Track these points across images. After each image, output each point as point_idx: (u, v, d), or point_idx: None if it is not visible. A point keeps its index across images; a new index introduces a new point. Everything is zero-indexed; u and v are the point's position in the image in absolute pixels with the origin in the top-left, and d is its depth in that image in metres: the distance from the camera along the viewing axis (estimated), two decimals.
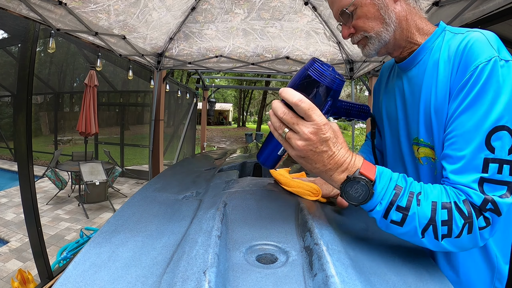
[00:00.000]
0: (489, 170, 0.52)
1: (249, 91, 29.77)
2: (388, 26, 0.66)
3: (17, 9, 1.49)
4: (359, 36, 0.70)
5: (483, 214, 0.51)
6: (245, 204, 0.71)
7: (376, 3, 0.65)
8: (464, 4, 1.43)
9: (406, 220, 0.52)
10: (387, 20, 0.66)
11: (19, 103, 2.13)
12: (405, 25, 0.68)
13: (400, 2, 0.66)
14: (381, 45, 0.69)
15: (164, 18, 2.37)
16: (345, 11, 0.67)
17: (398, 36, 0.68)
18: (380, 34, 0.67)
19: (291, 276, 0.46)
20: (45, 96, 9.50)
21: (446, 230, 0.51)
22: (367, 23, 0.67)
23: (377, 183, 0.52)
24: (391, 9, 0.66)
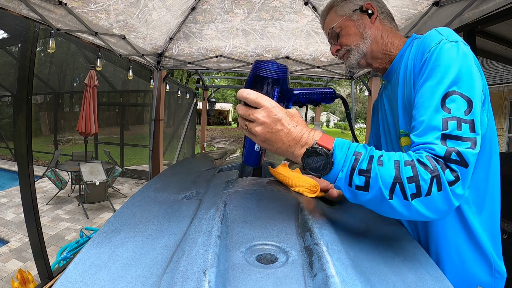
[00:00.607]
0: (449, 126, 0.55)
1: None
2: (365, 40, 0.82)
3: (17, 9, 1.49)
4: (343, 51, 0.86)
5: (449, 166, 0.52)
6: (245, 204, 0.71)
7: (356, 24, 0.83)
8: (464, 4, 1.43)
9: (370, 183, 0.52)
10: (364, 35, 0.82)
11: (19, 103, 2.13)
12: (379, 40, 0.83)
13: (376, 23, 0.83)
14: (360, 56, 0.84)
15: (164, 18, 2.37)
16: (333, 31, 0.86)
17: (374, 48, 0.83)
18: (358, 46, 0.83)
19: (291, 276, 0.46)
20: (45, 96, 9.50)
21: (414, 187, 0.50)
22: (349, 39, 0.84)
23: (336, 152, 0.55)
24: (368, 27, 0.82)
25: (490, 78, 6.24)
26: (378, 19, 0.83)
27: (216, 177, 1.00)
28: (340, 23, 0.84)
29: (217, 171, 1.10)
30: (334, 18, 0.86)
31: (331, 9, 0.88)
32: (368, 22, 0.83)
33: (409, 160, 0.53)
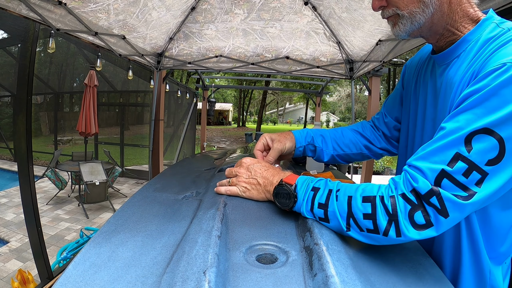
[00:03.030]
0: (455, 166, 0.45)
1: (249, 91, 29.77)
2: (426, 8, 0.57)
3: (17, 9, 1.48)
4: (390, 12, 0.63)
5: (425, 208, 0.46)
6: (245, 204, 0.71)
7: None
8: None
9: (328, 215, 0.55)
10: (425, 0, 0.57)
11: (19, 103, 2.13)
12: (446, 9, 0.58)
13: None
14: (414, 28, 0.61)
15: (163, 18, 2.37)
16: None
17: (436, 20, 0.59)
18: (414, 15, 0.59)
19: (291, 276, 0.46)
20: (45, 96, 9.50)
21: (371, 224, 0.50)
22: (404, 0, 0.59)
23: (298, 187, 0.60)
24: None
25: None
26: None
27: (216, 177, 1.00)
28: None
29: (217, 171, 1.10)
30: None
31: None
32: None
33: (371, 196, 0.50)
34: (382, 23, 2.06)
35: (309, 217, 0.59)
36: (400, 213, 0.47)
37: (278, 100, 40.05)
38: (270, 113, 45.50)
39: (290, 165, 1.52)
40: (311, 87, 19.45)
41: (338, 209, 0.54)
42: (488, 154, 0.44)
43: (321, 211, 0.56)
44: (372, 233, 0.50)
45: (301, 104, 38.34)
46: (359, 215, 0.51)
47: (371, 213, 0.49)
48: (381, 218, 0.49)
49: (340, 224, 0.54)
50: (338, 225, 0.54)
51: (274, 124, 41.28)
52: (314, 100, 5.00)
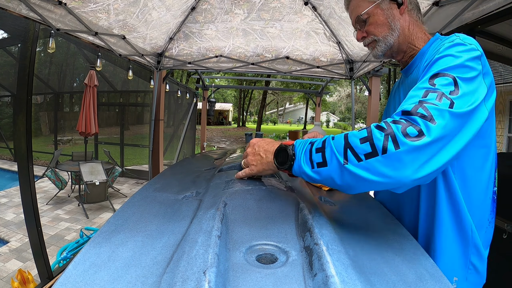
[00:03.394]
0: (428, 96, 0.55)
1: (249, 91, 29.78)
2: (393, 32, 0.80)
3: (17, 9, 1.49)
4: (369, 39, 0.85)
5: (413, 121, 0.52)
6: (245, 204, 0.71)
7: (385, 13, 0.80)
8: (464, 4, 1.43)
9: (326, 156, 0.57)
10: (393, 27, 0.80)
11: (19, 103, 2.13)
12: (407, 32, 0.81)
13: (404, 14, 0.81)
14: (387, 48, 0.83)
15: (163, 18, 2.37)
16: (360, 17, 0.83)
17: (401, 40, 0.81)
18: (386, 38, 0.81)
19: (291, 276, 0.46)
20: (45, 96, 9.50)
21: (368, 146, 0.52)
22: (377, 29, 0.82)
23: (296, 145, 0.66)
24: (397, 18, 0.80)
25: None
26: (406, 10, 0.81)
27: (216, 177, 1.00)
28: (369, 10, 0.81)
29: (217, 171, 1.10)
30: (362, 4, 0.82)
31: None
32: (397, 12, 0.80)
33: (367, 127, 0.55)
34: None
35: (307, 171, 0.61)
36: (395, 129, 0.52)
37: (278, 100, 40.06)
38: (270, 113, 45.50)
39: None
40: (311, 87, 19.46)
41: (334, 146, 0.56)
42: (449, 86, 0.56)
43: (319, 154, 0.58)
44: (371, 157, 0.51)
45: (301, 104, 38.35)
46: (355, 142, 0.53)
47: (367, 135, 0.53)
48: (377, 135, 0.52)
49: (338, 161, 0.55)
50: (336, 162, 0.55)
51: (274, 124, 41.29)
52: (314, 100, 5.01)
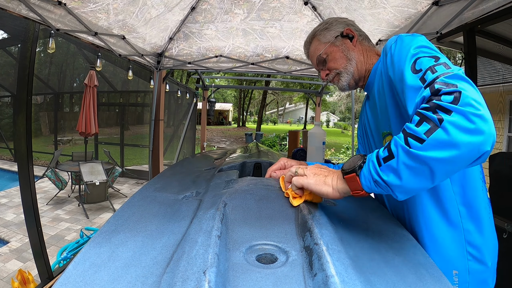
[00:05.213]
0: (426, 78, 0.59)
1: (249, 91, 29.77)
2: (351, 61, 0.91)
3: (17, 9, 1.49)
4: (333, 74, 0.94)
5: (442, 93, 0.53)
6: (245, 204, 0.71)
7: (340, 48, 0.92)
8: (464, 3, 1.43)
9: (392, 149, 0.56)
10: (349, 57, 0.91)
11: (19, 103, 2.13)
12: (362, 58, 0.92)
13: (357, 45, 0.93)
14: (349, 77, 0.92)
15: (163, 17, 2.37)
16: (320, 58, 0.94)
17: (359, 67, 0.91)
18: (346, 68, 0.91)
19: (291, 276, 0.46)
20: (45, 96, 9.50)
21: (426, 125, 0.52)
22: (337, 63, 0.92)
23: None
24: (351, 49, 0.91)
25: (490, 78, 6.24)
26: (358, 41, 0.93)
27: (216, 177, 1.00)
28: (326, 49, 0.93)
29: (217, 171, 1.10)
30: (319, 46, 0.95)
31: (313, 38, 0.97)
32: (350, 45, 0.92)
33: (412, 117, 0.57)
34: (382, 23, 2.07)
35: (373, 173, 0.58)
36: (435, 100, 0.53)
37: (278, 100, 40.05)
38: (270, 113, 45.49)
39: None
40: (311, 87, 19.46)
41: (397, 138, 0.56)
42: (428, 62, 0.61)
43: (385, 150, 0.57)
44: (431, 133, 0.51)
45: (301, 104, 38.34)
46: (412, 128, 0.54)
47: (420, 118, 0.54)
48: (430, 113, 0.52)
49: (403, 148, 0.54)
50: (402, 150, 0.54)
51: (274, 124, 41.29)
52: (314, 100, 5.00)
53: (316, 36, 0.96)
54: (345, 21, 0.96)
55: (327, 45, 0.93)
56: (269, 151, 1.96)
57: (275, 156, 1.69)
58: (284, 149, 12.40)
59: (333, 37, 0.93)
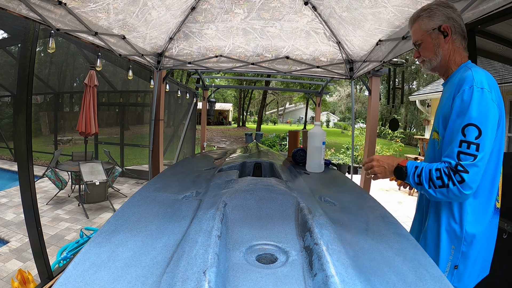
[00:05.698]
0: (462, 146, 0.90)
1: (249, 91, 29.76)
2: (437, 57, 1.08)
3: (17, 9, 1.48)
4: (421, 58, 1.12)
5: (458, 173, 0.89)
6: (245, 204, 0.71)
7: (433, 42, 1.06)
8: (464, 4, 1.43)
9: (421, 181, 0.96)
10: (437, 53, 1.07)
11: (19, 103, 2.12)
12: (447, 58, 1.07)
13: (448, 43, 1.05)
14: (432, 66, 1.11)
15: (163, 17, 2.37)
16: (416, 42, 1.12)
17: (442, 63, 1.08)
18: (431, 61, 1.09)
19: (291, 276, 0.46)
20: (45, 96, 9.49)
21: (440, 182, 0.92)
22: (426, 53, 1.10)
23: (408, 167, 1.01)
24: (441, 46, 1.06)
25: None
26: (450, 40, 1.05)
27: (216, 177, 1.00)
28: (422, 37, 1.09)
29: (217, 171, 1.10)
30: (418, 31, 1.10)
31: (417, 20, 1.10)
32: (442, 41, 1.05)
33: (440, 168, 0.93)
34: (382, 23, 2.06)
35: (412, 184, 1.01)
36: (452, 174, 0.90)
37: (278, 100, 40.03)
38: (270, 113, 45.47)
39: (291, 165, 1.52)
40: (311, 87, 19.45)
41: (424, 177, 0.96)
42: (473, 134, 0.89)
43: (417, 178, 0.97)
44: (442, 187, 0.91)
45: (301, 104, 38.32)
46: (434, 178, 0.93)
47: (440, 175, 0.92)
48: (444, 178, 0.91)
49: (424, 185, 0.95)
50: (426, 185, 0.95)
51: (274, 124, 41.27)
52: (314, 100, 5.00)
53: (419, 19, 1.09)
54: (448, 14, 1.04)
55: (424, 34, 1.07)
56: (269, 151, 1.96)
57: (275, 156, 1.69)
58: (284, 149, 12.40)
59: (431, 28, 1.05)
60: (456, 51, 1.06)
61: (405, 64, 12.83)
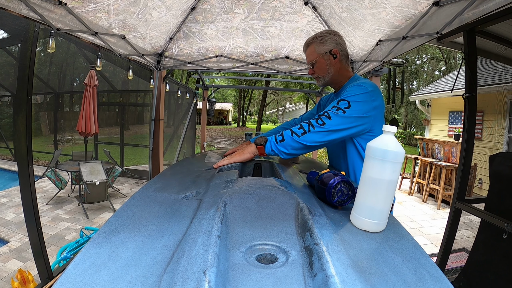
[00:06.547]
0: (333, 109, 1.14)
1: (249, 91, 29.76)
2: (329, 73, 1.34)
3: (17, 9, 1.48)
4: (316, 75, 1.37)
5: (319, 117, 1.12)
6: (245, 204, 0.71)
7: (325, 62, 1.32)
8: (464, 4, 1.43)
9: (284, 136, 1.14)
10: (329, 70, 1.34)
11: (19, 103, 2.12)
12: (337, 73, 1.34)
13: (337, 62, 1.32)
14: (325, 81, 1.37)
15: (163, 18, 2.37)
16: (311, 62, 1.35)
17: (333, 78, 1.36)
18: (324, 77, 1.35)
19: (291, 276, 0.46)
20: (45, 96, 9.49)
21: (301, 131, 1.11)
22: (320, 71, 1.35)
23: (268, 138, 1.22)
24: (332, 65, 1.33)
25: (490, 78, 6.23)
26: (339, 60, 1.32)
27: (216, 177, 1.00)
28: (316, 58, 1.33)
29: (217, 171, 1.10)
30: (313, 53, 1.33)
31: (312, 44, 1.33)
32: (333, 61, 1.31)
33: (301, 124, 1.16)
34: (382, 23, 2.06)
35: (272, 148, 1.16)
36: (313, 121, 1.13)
37: (278, 100, 40.03)
38: (270, 113, 45.47)
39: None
40: (311, 87, 19.46)
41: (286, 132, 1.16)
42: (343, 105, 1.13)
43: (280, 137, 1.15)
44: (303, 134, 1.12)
45: (301, 104, 38.31)
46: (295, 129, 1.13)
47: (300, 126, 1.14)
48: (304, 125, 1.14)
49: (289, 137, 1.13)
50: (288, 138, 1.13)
51: (274, 124, 41.26)
52: (314, 100, 5.00)
53: (314, 43, 1.32)
54: (336, 40, 1.31)
55: (318, 56, 1.32)
56: None
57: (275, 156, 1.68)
58: None
59: (324, 52, 1.31)
60: (343, 68, 1.34)
61: (405, 64, 12.81)
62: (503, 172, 1.94)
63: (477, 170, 5.83)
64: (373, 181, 0.66)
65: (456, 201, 2.14)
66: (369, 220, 0.65)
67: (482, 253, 2.02)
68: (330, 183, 0.76)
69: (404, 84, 7.94)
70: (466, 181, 2.13)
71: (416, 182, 6.27)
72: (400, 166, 0.67)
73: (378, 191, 0.66)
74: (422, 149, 6.72)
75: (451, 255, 2.34)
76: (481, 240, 2.10)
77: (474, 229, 4.16)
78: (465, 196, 2.14)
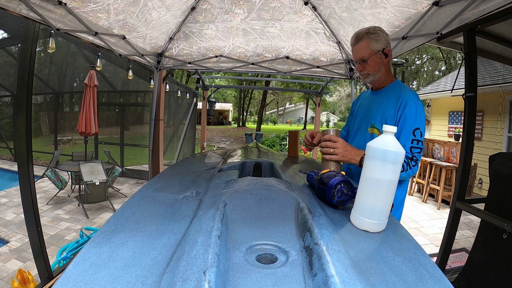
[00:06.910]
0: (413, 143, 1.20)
1: (249, 91, 29.77)
2: (379, 72, 1.32)
3: (17, 9, 1.48)
4: (365, 71, 1.32)
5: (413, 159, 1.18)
6: (245, 204, 0.71)
7: (378, 60, 1.29)
8: (464, 4, 1.43)
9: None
10: (380, 69, 1.31)
11: (19, 103, 2.12)
12: (385, 72, 1.33)
13: (387, 62, 1.31)
14: (374, 79, 1.34)
15: (163, 18, 2.37)
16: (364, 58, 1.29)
17: (381, 78, 1.34)
18: (374, 75, 1.32)
19: (291, 276, 0.46)
20: (45, 96, 9.49)
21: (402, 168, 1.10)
22: (371, 68, 1.30)
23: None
24: (383, 64, 1.31)
25: (490, 78, 6.23)
26: (388, 60, 1.31)
27: (216, 177, 1.00)
28: (370, 55, 1.28)
29: (217, 171, 1.10)
30: (366, 49, 1.27)
31: (364, 38, 1.27)
32: (384, 60, 1.30)
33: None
34: (382, 23, 2.06)
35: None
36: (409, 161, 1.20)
37: (278, 100, 40.04)
38: (270, 113, 45.47)
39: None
40: (311, 87, 19.46)
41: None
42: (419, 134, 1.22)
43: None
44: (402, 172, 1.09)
45: (301, 104, 38.33)
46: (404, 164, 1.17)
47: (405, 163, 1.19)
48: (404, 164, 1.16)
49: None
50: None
51: (274, 124, 41.28)
52: (314, 100, 5.00)
53: (368, 39, 1.27)
54: (388, 40, 1.29)
55: (372, 53, 1.27)
56: (269, 151, 1.96)
57: (275, 156, 1.69)
58: (284, 149, 12.40)
59: (377, 49, 1.27)
60: (389, 69, 1.35)
61: (405, 64, 12.79)
62: (503, 172, 1.94)
63: (477, 170, 5.83)
64: (373, 181, 0.67)
65: (456, 201, 2.14)
66: (369, 220, 0.66)
67: (482, 253, 2.02)
68: (330, 183, 0.77)
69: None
70: (466, 181, 2.13)
71: (416, 182, 6.28)
72: (400, 166, 0.67)
73: (378, 191, 0.67)
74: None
75: (451, 255, 2.34)
76: (481, 240, 2.10)
77: (474, 229, 4.16)
78: (465, 196, 2.14)
